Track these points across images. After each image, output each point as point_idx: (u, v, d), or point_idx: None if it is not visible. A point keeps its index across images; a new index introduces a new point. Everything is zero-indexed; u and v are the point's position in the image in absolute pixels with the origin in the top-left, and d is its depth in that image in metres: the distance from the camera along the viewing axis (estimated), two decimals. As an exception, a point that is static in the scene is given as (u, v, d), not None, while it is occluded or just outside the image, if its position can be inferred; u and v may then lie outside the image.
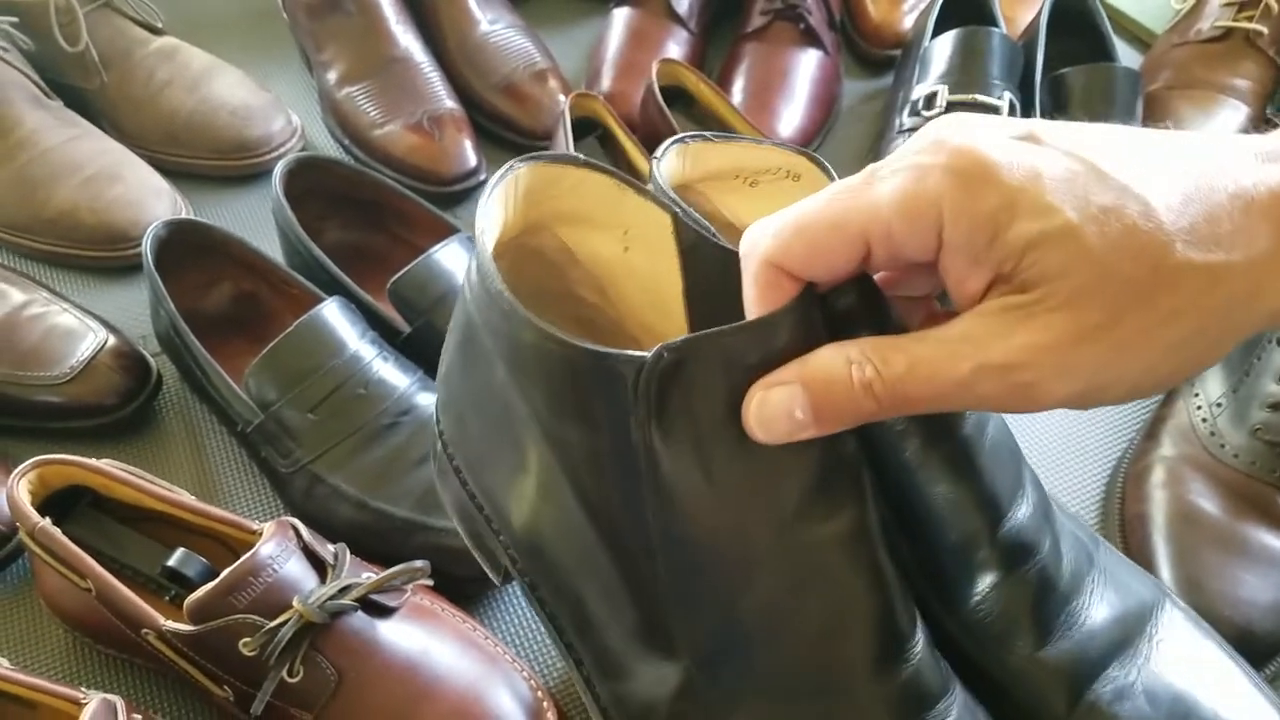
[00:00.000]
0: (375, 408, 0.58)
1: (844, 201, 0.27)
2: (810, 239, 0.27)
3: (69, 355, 0.63)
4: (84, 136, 0.76)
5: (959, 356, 0.26)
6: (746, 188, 0.36)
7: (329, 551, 0.50)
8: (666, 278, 0.34)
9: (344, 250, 0.69)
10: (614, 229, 0.34)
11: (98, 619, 0.51)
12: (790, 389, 0.27)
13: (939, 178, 0.25)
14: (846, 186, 0.27)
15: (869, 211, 0.26)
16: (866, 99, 0.88)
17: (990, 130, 0.26)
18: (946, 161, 0.26)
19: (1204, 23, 0.84)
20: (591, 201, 0.33)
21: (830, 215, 0.27)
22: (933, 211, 0.26)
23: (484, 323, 0.31)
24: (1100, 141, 0.26)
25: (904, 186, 0.26)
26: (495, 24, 0.85)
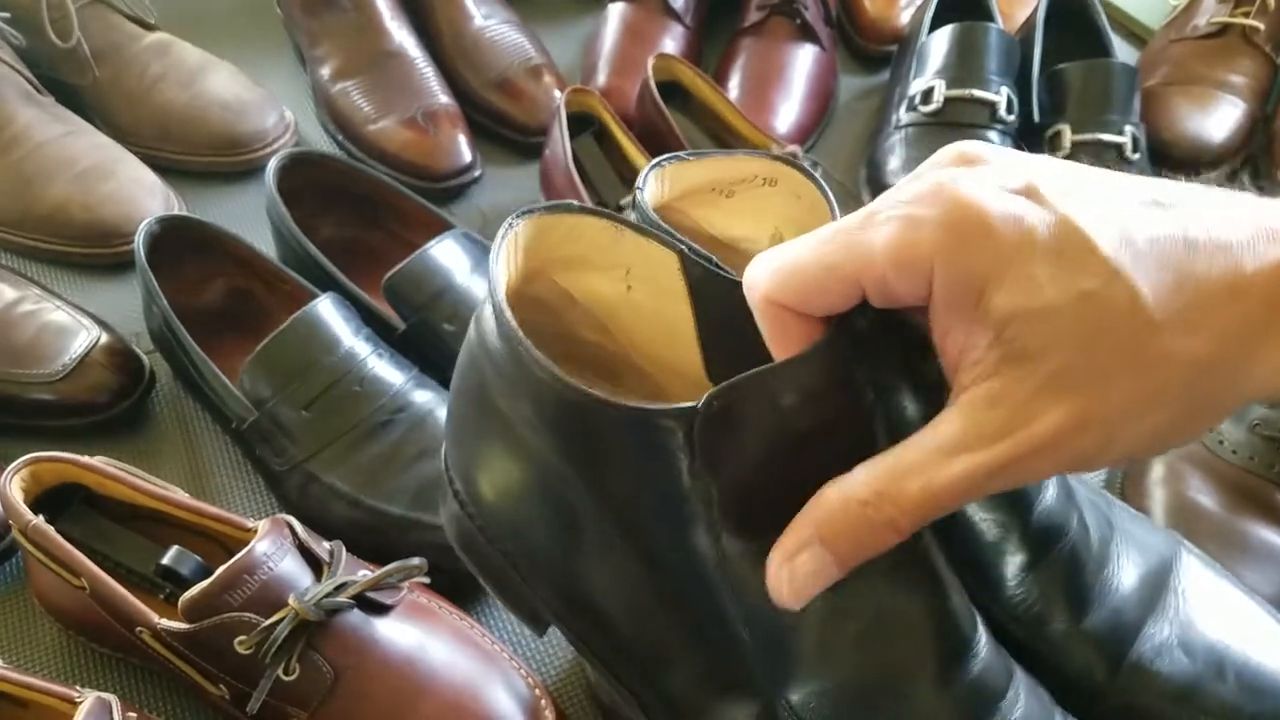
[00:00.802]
0: (370, 405, 0.57)
1: (839, 244, 0.27)
2: (805, 280, 0.27)
3: (62, 353, 0.63)
4: (76, 132, 0.76)
5: (965, 465, 0.26)
6: (724, 199, 0.36)
7: (324, 549, 0.50)
8: (674, 311, 0.34)
9: (338, 246, 0.68)
10: (614, 269, 0.34)
11: (92, 617, 0.51)
12: (814, 553, 0.27)
13: (933, 230, 0.25)
14: (844, 228, 0.27)
15: (863, 256, 0.26)
16: (863, 95, 0.88)
17: (990, 183, 0.26)
18: (942, 215, 0.25)
19: (1200, 18, 0.84)
20: (587, 245, 0.34)
21: (825, 257, 0.27)
22: (925, 263, 0.26)
23: (508, 388, 0.31)
24: (1101, 209, 0.26)
25: (899, 235, 0.26)
26: (490, 19, 0.85)
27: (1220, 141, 0.79)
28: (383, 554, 0.52)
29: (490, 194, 0.80)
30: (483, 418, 0.32)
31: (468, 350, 0.33)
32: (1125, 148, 0.73)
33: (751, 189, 0.36)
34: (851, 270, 0.27)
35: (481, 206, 0.79)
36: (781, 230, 0.36)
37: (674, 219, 0.36)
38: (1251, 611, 0.44)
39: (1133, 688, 0.41)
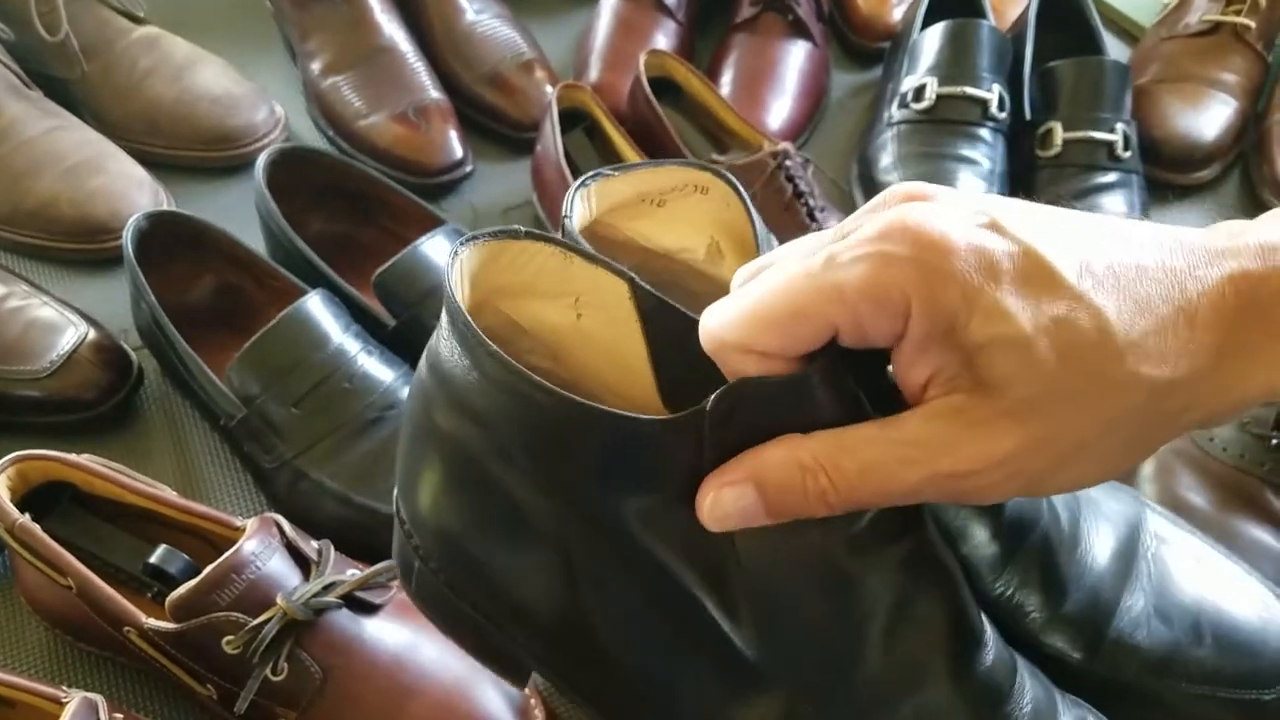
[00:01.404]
0: (360, 402, 0.57)
1: (807, 288, 0.26)
2: (776, 326, 0.27)
3: (49, 349, 0.62)
4: (65, 127, 0.75)
5: (911, 463, 0.27)
6: (654, 208, 0.36)
7: (313, 548, 0.50)
8: (626, 340, 0.34)
9: (328, 242, 0.68)
10: (563, 297, 0.33)
11: (79, 616, 0.51)
12: (742, 489, 0.28)
13: (907, 267, 0.25)
14: (806, 271, 0.26)
15: (834, 298, 0.26)
16: (855, 91, 0.88)
17: (954, 217, 0.26)
18: (914, 251, 0.25)
19: (1192, 16, 0.83)
20: (535, 272, 0.33)
21: (793, 303, 0.26)
22: (901, 301, 0.26)
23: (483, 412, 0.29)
24: (1060, 238, 0.26)
25: (872, 274, 0.26)
26: (482, 14, 0.84)
27: (1211, 139, 0.79)
28: (373, 552, 0.52)
29: (482, 189, 0.80)
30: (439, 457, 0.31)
31: (420, 392, 0.31)
32: (1116, 145, 0.73)
33: (683, 197, 0.35)
34: (825, 314, 0.26)
35: (473, 202, 0.79)
36: (718, 239, 0.36)
37: (604, 234, 0.36)
38: (1216, 561, 0.45)
39: (1115, 664, 0.41)
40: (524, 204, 0.78)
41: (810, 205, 0.68)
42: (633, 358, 0.34)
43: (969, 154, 0.72)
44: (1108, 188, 0.73)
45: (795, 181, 0.68)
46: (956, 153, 0.72)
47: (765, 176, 0.68)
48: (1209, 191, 0.81)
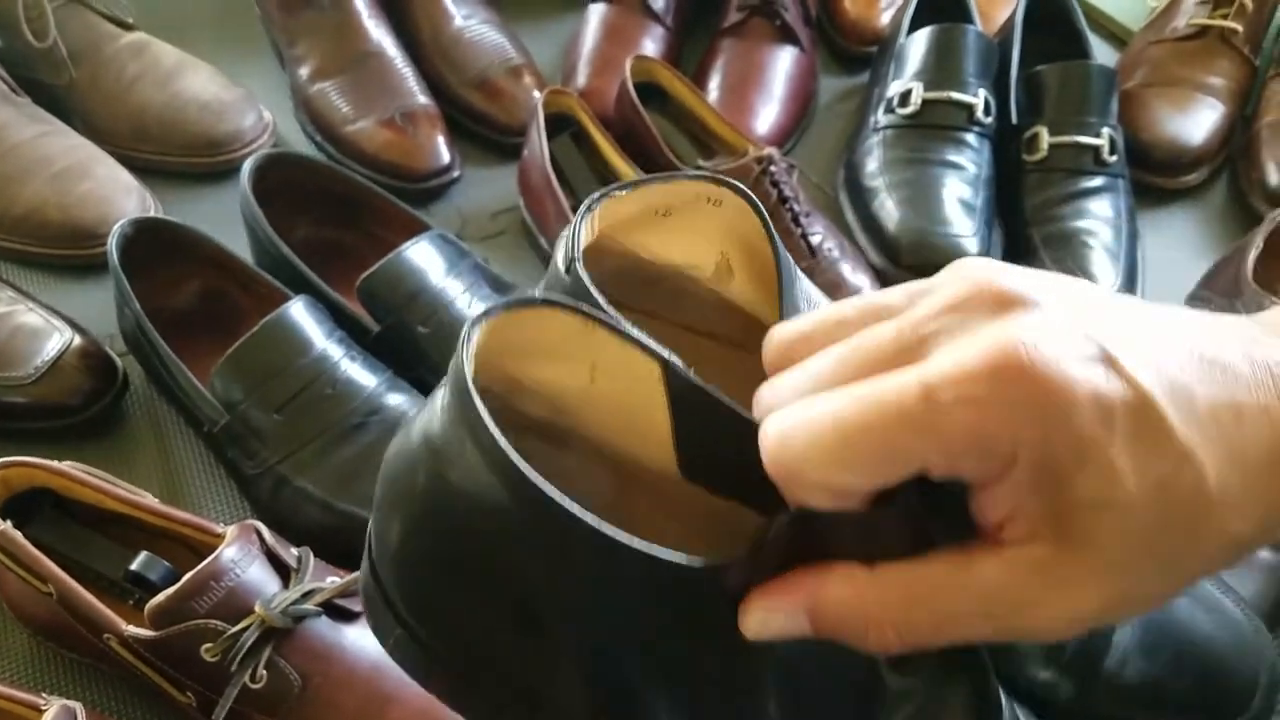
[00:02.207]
0: (343, 408, 0.57)
1: (902, 428, 0.24)
2: (860, 470, 0.24)
3: (34, 355, 0.62)
4: (52, 133, 0.75)
5: (987, 618, 0.25)
6: (659, 218, 0.33)
7: (292, 555, 0.50)
8: (647, 412, 0.31)
9: (315, 248, 0.68)
10: (577, 361, 0.30)
11: (60, 623, 0.51)
12: (793, 615, 0.26)
13: (1021, 419, 0.23)
14: (900, 407, 0.23)
15: (936, 445, 0.24)
16: (843, 96, 0.88)
17: (1070, 350, 0.23)
18: (1029, 400, 0.23)
19: (1179, 20, 0.84)
20: (548, 336, 0.30)
21: (886, 443, 0.24)
22: (1008, 451, 0.24)
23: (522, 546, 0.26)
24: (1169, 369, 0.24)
25: (981, 423, 0.23)
26: (470, 19, 0.85)
27: (1199, 144, 0.79)
28: (355, 559, 0.51)
29: (469, 194, 0.80)
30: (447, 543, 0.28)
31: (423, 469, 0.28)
32: (1102, 150, 0.73)
33: (693, 208, 0.32)
34: (920, 457, 0.24)
35: (460, 207, 0.79)
36: (729, 255, 0.33)
37: (604, 247, 0.33)
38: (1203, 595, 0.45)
39: (1103, 700, 0.41)
40: (511, 209, 0.78)
41: (795, 210, 0.68)
42: (650, 425, 0.31)
43: (954, 159, 0.72)
44: (1094, 192, 0.73)
45: (780, 187, 0.68)
46: (942, 158, 0.72)
47: (750, 182, 0.68)
48: (1196, 195, 0.81)
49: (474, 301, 0.63)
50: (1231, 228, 0.79)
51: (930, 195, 0.70)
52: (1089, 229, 0.71)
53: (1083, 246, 0.70)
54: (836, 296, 0.65)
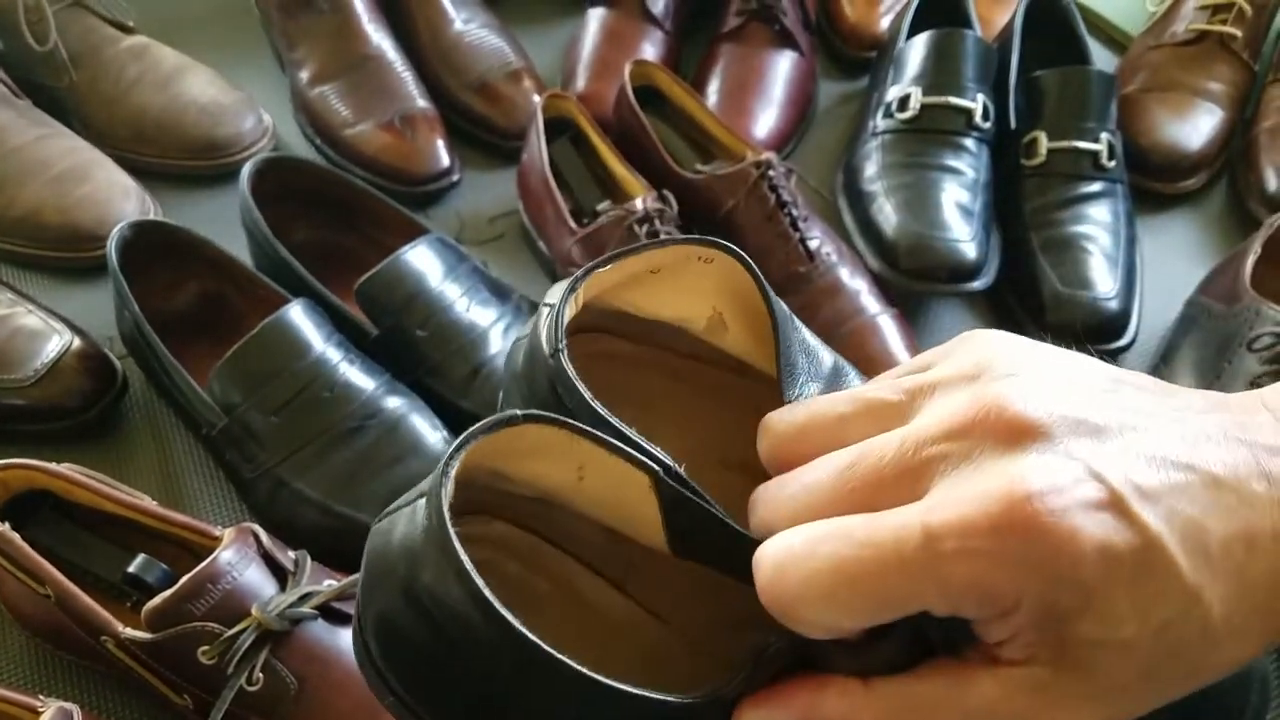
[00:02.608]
0: (341, 411, 0.57)
1: (901, 573, 0.23)
2: (857, 612, 0.24)
3: (34, 357, 0.62)
4: (52, 135, 0.75)
5: None
6: (649, 276, 0.33)
7: (289, 558, 0.50)
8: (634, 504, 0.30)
9: (314, 251, 0.68)
10: (566, 461, 0.30)
11: (58, 625, 0.51)
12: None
13: (1024, 575, 0.23)
14: (899, 555, 0.23)
15: (936, 590, 0.23)
16: (843, 100, 0.88)
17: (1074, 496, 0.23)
18: (1033, 555, 0.23)
19: (1179, 25, 0.84)
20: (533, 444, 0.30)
21: (884, 587, 0.23)
22: (1011, 601, 0.23)
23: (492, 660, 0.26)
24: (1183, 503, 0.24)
25: (984, 577, 0.23)
26: (469, 23, 0.85)
27: (1198, 148, 0.79)
28: (353, 561, 0.51)
29: (468, 198, 0.80)
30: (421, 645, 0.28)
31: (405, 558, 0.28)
32: (1101, 155, 0.73)
33: (682, 265, 0.32)
34: (919, 600, 0.24)
35: (459, 210, 0.79)
36: (721, 310, 0.33)
37: (595, 308, 0.33)
38: None
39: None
40: (510, 212, 0.78)
41: (793, 215, 0.68)
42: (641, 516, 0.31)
43: (953, 163, 0.72)
44: (1093, 197, 0.73)
45: (778, 191, 0.68)
46: (941, 162, 0.72)
47: (748, 186, 0.69)
48: (1195, 200, 0.81)
49: (472, 305, 0.64)
50: (1230, 233, 0.79)
51: (929, 200, 0.70)
52: (1088, 234, 0.71)
53: (1081, 251, 0.70)
54: (835, 301, 0.66)
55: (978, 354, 0.27)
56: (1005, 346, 0.27)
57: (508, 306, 0.65)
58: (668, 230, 0.67)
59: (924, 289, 0.68)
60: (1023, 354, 0.27)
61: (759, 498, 0.28)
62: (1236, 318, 0.62)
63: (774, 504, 0.27)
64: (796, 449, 0.28)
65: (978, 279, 0.68)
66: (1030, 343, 0.28)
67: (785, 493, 0.27)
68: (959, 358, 0.27)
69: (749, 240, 0.69)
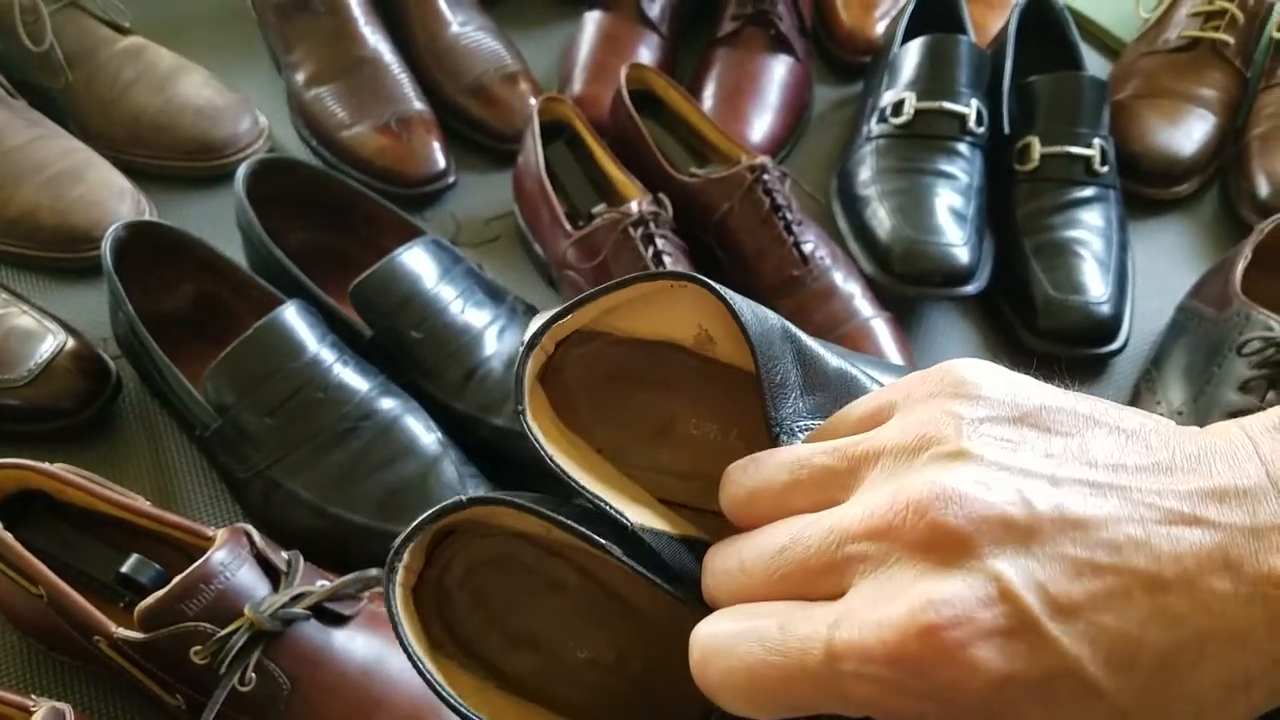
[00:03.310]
0: (334, 412, 0.57)
1: (804, 683, 0.24)
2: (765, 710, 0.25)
3: (28, 358, 0.62)
4: (48, 136, 0.76)
5: None
6: (626, 305, 0.33)
7: (282, 559, 0.50)
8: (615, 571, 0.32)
9: (308, 252, 0.68)
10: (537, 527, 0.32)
11: (50, 625, 0.51)
12: None
13: (915, 696, 0.23)
14: (803, 667, 0.24)
15: (837, 700, 0.24)
16: (838, 105, 0.88)
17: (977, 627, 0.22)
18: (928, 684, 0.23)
19: (1171, 32, 0.84)
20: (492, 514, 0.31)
21: (789, 695, 0.24)
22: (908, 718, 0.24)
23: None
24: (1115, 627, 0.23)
25: (877, 697, 0.23)
26: (466, 26, 0.85)
27: (1190, 155, 0.80)
28: (346, 563, 0.52)
29: (464, 200, 0.80)
30: None
31: None
32: (1093, 160, 0.74)
33: (659, 293, 0.32)
34: (828, 708, 0.24)
35: (455, 213, 0.79)
36: (706, 327, 0.33)
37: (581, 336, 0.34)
38: None
39: None
40: (506, 214, 0.79)
41: (787, 219, 0.68)
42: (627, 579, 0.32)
43: (947, 168, 0.72)
44: (1085, 202, 0.73)
45: (772, 195, 0.69)
46: (934, 167, 0.72)
47: (742, 190, 0.69)
48: (1187, 206, 0.82)
49: (467, 308, 0.64)
50: (1221, 238, 0.79)
51: (922, 204, 0.70)
52: (1080, 239, 0.71)
53: (1074, 256, 0.71)
54: (828, 304, 0.66)
55: (932, 412, 0.26)
56: (964, 405, 0.26)
57: (502, 309, 0.65)
58: (663, 233, 0.67)
59: (917, 293, 0.69)
60: (981, 413, 0.26)
61: (712, 558, 0.29)
62: (1227, 323, 0.62)
63: (717, 578, 0.28)
64: (746, 513, 0.29)
65: (970, 283, 0.68)
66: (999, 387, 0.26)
67: (727, 567, 0.28)
68: (916, 413, 0.26)
69: (743, 243, 0.69)
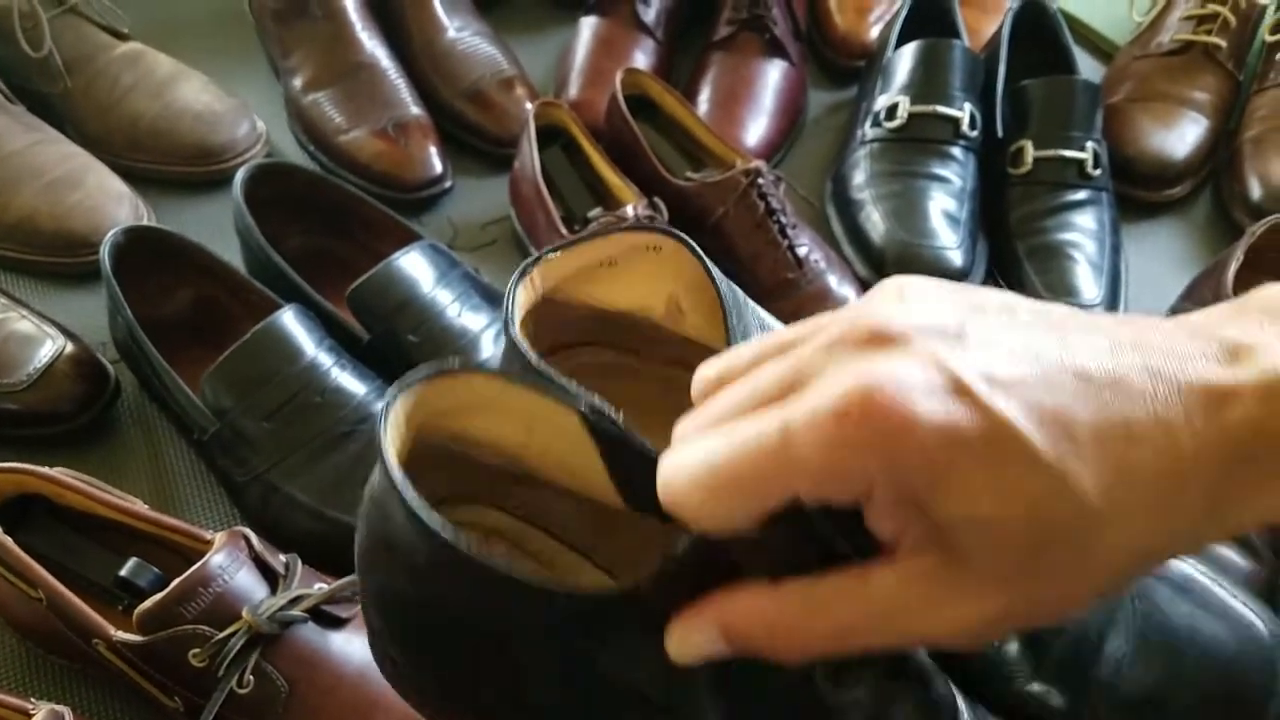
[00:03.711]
0: (332, 416, 0.58)
1: (765, 463, 0.25)
2: (734, 500, 0.26)
3: (27, 362, 0.63)
4: (46, 142, 0.76)
5: (886, 625, 0.26)
6: (606, 269, 0.35)
7: (280, 561, 0.50)
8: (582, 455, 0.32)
9: (307, 257, 0.69)
10: (513, 415, 0.32)
11: (49, 628, 0.51)
12: (708, 634, 0.27)
13: (867, 454, 0.24)
14: (760, 445, 0.25)
15: (796, 473, 0.25)
16: (833, 109, 0.89)
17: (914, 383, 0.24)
18: (873, 438, 0.24)
19: (1164, 35, 0.85)
20: (477, 397, 0.32)
21: (753, 477, 0.25)
22: (863, 483, 0.25)
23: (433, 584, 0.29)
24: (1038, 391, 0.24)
25: (832, 458, 0.24)
26: (463, 31, 0.85)
27: (1183, 158, 0.80)
28: (344, 566, 0.52)
29: (461, 204, 0.81)
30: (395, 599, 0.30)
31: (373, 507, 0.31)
32: (1086, 163, 0.74)
33: (636, 256, 0.34)
34: (786, 486, 0.25)
35: (452, 217, 0.80)
36: (677, 295, 0.34)
37: (559, 302, 0.34)
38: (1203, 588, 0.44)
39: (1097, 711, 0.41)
40: (502, 219, 0.79)
41: (782, 223, 0.69)
42: (592, 468, 0.33)
43: (940, 172, 0.73)
44: (1078, 205, 0.74)
45: (767, 199, 0.69)
46: (928, 171, 0.73)
47: (737, 194, 0.69)
48: (1180, 209, 0.82)
49: (464, 311, 0.64)
50: (1214, 241, 0.80)
51: (916, 208, 0.71)
52: (1073, 241, 0.72)
53: (1067, 259, 0.71)
54: (823, 307, 0.67)
55: (882, 288, 0.28)
56: (909, 279, 0.28)
57: (499, 312, 0.66)
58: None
59: (911, 296, 0.69)
60: (920, 284, 0.28)
61: (675, 428, 0.29)
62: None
63: (683, 428, 0.28)
64: (716, 389, 0.29)
65: (964, 286, 0.69)
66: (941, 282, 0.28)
67: (692, 420, 0.28)
68: (869, 293, 0.29)
69: (738, 247, 0.69)
